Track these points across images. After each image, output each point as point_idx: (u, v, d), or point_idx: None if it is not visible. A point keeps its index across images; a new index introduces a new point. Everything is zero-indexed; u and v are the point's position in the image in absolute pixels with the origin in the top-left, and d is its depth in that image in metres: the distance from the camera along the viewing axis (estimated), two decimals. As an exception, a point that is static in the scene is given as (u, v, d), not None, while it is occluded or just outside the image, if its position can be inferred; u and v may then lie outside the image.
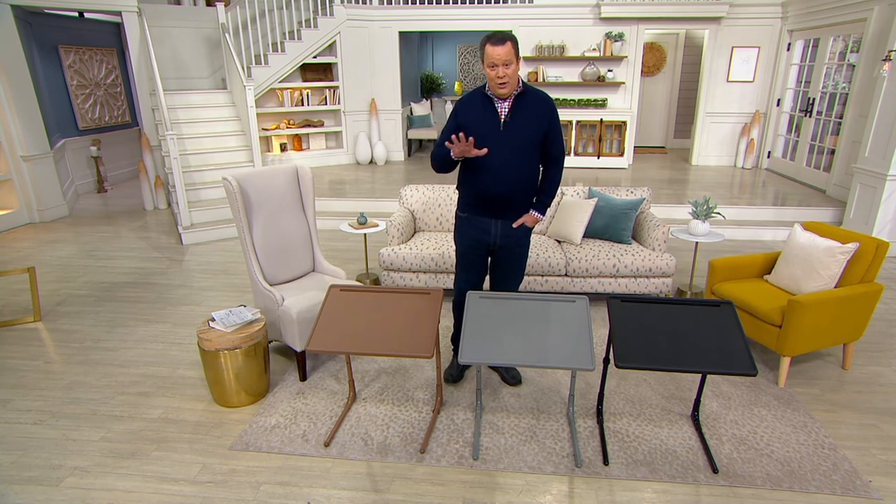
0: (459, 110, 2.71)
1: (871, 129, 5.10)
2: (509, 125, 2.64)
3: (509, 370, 3.09)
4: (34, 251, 5.42)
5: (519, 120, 2.65)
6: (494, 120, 2.64)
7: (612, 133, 8.27)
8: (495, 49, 2.49)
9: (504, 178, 2.68)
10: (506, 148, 2.64)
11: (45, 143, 6.45)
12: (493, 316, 2.55)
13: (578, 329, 2.47)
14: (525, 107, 2.65)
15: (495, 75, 2.53)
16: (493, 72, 2.53)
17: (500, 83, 2.55)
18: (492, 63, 2.51)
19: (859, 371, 3.23)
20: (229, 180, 3.10)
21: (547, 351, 2.38)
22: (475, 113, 2.67)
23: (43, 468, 2.46)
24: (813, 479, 2.37)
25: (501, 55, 2.48)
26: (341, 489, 2.33)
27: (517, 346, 2.42)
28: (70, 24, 7.73)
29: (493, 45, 2.50)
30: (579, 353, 2.36)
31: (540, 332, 2.47)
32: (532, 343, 2.42)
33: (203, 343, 2.78)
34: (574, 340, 2.42)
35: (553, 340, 2.43)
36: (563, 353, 2.37)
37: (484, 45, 2.52)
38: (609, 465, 2.46)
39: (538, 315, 2.55)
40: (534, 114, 2.66)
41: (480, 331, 2.49)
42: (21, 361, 3.38)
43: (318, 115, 8.69)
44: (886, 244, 3.00)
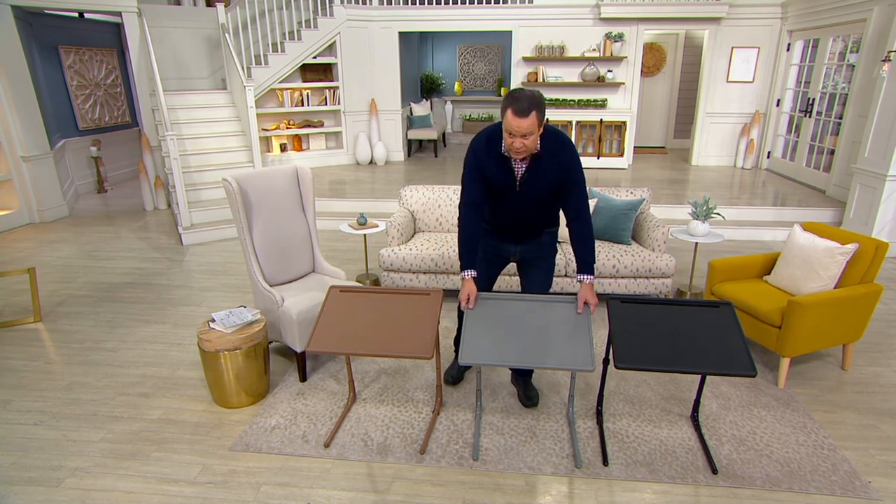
0: (476, 163, 2.48)
1: (870, 129, 5.10)
2: (525, 184, 2.49)
3: (528, 391, 2.93)
4: (34, 251, 5.42)
5: (535, 178, 2.47)
6: (511, 178, 2.48)
7: (611, 133, 8.27)
8: (517, 121, 2.23)
9: (523, 221, 2.64)
10: (523, 201, 2.53)
11: (45, 144, 6.45)
12: (493, 317, 2.55)
13: (578, 329, 2.46)
14: (542, 165, 2.44)
15: (511, 144, 2.32)
16: (510, 140, 2.31)
17: (516, 152, 2.35)
18: (510, 132, 2.29)
19: (859, 372, 3.23)
20: (229, 181, 3.10)
21: (547, 352, 2.38)
22: (493, 166, 2.47)
23: (43, 469, 2.46)
24: (812, 479, 2.37)
25: (522, 128, 2.24)
26: (341, 490, 2.33)
27: (517, 346, 2.41)
28: (70, 24, 7.73)
29: (516, 115, 2.22)
30: (579, 354, 2.36)
31: (540, 332, 2.47)
32: (532, 344, 2.42)
33: (203, 344, 2.79)
34: (574, 341, 2.41)
35: (553, 341, 2.42)
36: (563, 354, 2.36)
37: (505, 110, 2.25)
38: (609, 465, 2.46)
39: (538, 316, 2.54)
40: (550, 168, 2.45)
41: (480, 332, 2.48)
42: (21, 362, 3.38)
43: (318, 115, 8.69)
44: (886, 245, 3.00)
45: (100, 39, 8.23)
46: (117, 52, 8.53)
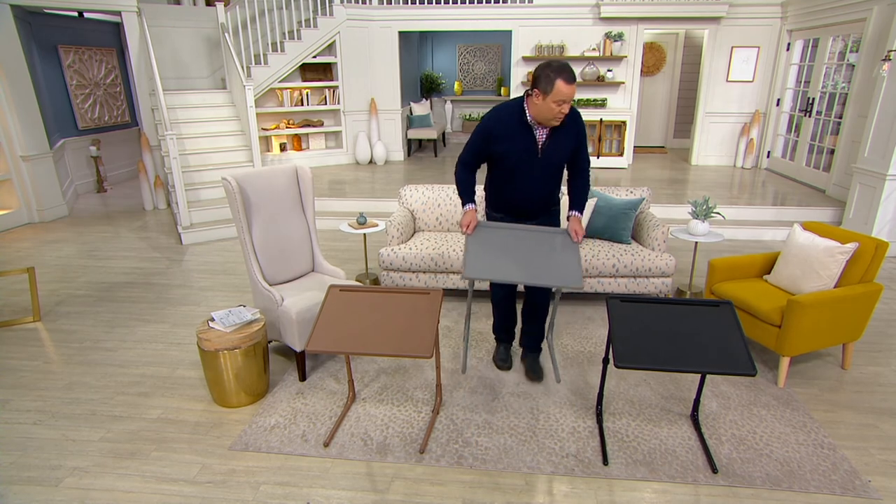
0: (496, 135, 2.66)
1: (870, 128, 5.10)
2: (546, 151, 2.70)
3: (535, 366, 3.14)
4: (33, 251, 5.42)
5: (554, 144, 2.69)
6: (532, 147, 2.67)
7: (611, 133, 8.27)
8: (569, 87, 2.45)
9: (536, 195, 2.83)
10: (539, 170, 2.73)
11: (45, 143, 6.45)
12: (492, 242, 2.76)
13: (568, 254, 2.73)
14: (562, 132, 2.68)
15: (559, 111, 2.51)
16: (557, 108, 2.50)
17: (558, 119, 2.56)
18: (560, 100, 2.47)
19: (858, 371, 3.23)
20: (228, 180, 3.10)
21: (540, 271, 2.64)
22: (513, 139, 2.66)
23: (42, 468, 2.46)
24: (812, 479, 2.37)
25: (572, 94, 2.47)
26: (340, 489, 2.33)
27: (514, 266, 2.66)
28: (69, 23, 7.72)
29: (567, 82, 2.44)
30: (569, 273, 2.64)
31: (534, 255, 2.71)
32: (527, 264, 2.67)
33: (202, 343, 2.78)
34: (565, 263, 2.68)
35: (546, 263, 2.68)
36: (555, 273, 2.64)
37: (555, 80, 2.43)
38: (609, 465, 2.46)
39: (533, 242, 2.78)
40: (567, 135, 2.70)
41: (481, 253, 2.71)
42: (20, 362, 3.38)
43: (318, 114, 8.69)
44: (886, 244, 3.00)
45: (99, 39, 8.22)
46: (117, 51, 8.53)
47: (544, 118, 2.57)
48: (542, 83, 2.48)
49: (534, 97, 2.55)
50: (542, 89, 2.48)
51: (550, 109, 2.51)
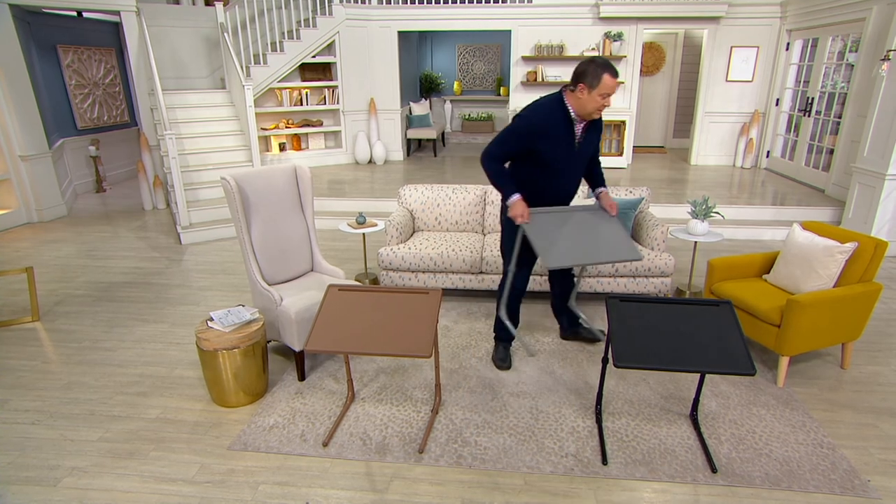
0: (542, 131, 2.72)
1: (869, 128, 5.10)
2: (582, 145, 2.85)
3: (591, 330, 3.41)
4: (32, 251, 5.41)
5: (588, 138, 2.86)
6: (572, 141, 2.80)
7: (611, 133, 8.26)
8: (614, 81, 2.60)
9: (571, 189, 2.98)
10: (575, 164, 2.88)
11: (44, 143, 6.44)
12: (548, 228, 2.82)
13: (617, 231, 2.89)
14: (593, 126, 2.86)
15: (603, 104, 2.65)
16: (603, 101, 2.64)
17: (600, 112, 2.70)
18: (606, 93, 2.61)
19: (858, 370, 3.23)
20: (227, 180, 3.09)
21: (601, 249, 2.77)
22: (558, 135, 2.75)
23: (40, 468, 2.46)
24: (811, 478, 2.37)
25: (616, 87, 2.62)
26: (340, 489, 2.33)
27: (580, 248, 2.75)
28: (68, 23, 7.71)
29: (613, 76, 2.60)
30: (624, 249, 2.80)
31: (589, 235, 2.83)
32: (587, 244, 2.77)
33: (201, 343, 2.78)
34: (617, 240, 2.84)
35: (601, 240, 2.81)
36: (614, 250, 2.78)
37: (602, 74, 2.58)
38: (608, 464, 2.46)
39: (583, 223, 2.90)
40: (594, 128, 2.88)
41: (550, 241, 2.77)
42: (19, 361, 3.37)
43: (317, 114, 8.68)
44: (885, 243, 3.00)
45: (98, 39, 8.21)
46: (116, 51, 8.52)
47: (587, 112, 2.69)
48: (587, 77, 2.61)
49: (577, 92, 2.67)
50: (587, 83, 2.61)
51: (595, 102, 2.64)
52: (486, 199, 4.43)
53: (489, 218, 4.41)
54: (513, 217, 2.77)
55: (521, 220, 2.76)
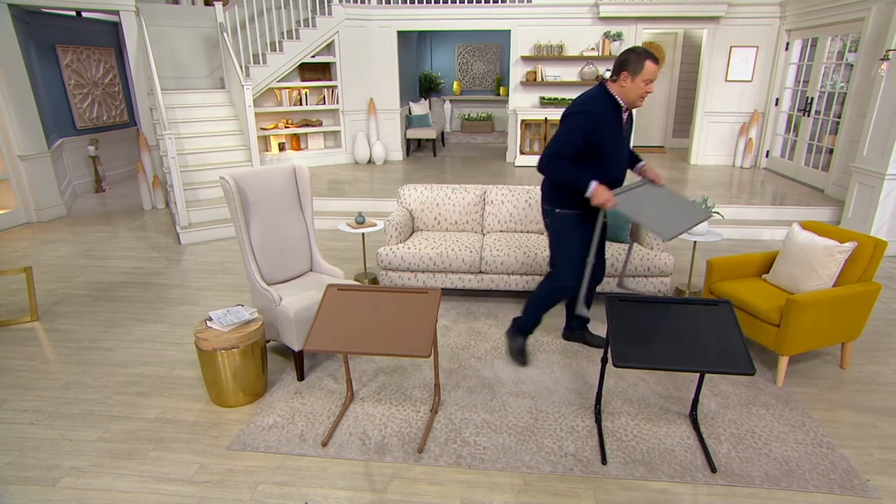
0: (599, 124, 2.74)
1: (869, 128, 5.10)
2: (626, 133, 2.92)
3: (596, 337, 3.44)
4: (31, 251, 5.41)
5: (629, 125, 2.94)
6: (621, 130, 2.85)
7: (610, 132, 8.25)
8: (656, 66, 2.67)
9: (623, 177, 2.97)
10: (623, 153, 2.93)
11: (43, 143, 6.43)
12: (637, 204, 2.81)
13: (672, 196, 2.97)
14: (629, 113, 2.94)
15: (646, 90, 2.71)
16: (647, 87, 2.70)
17: (644, 98, 2.75)
18: (649, 79, 2.68)
19: (857, 370, 3.23)
20: (227, 179, 3.09)
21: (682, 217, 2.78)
22: (614, 119, 2.79)
23: (39, 468, 2.45)
24: (811, 478, 2.37)
25: (658, 73, 2.69)
26: (339, 489, 2.33)
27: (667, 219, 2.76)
28: (68, 23, 7.71)
29: (655, 62, 2.67)
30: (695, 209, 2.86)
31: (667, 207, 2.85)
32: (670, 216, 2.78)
33: (200, 343, 2.78)
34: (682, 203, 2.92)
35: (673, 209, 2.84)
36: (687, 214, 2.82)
37: (644, 60, 2.66)
38: (607, 464, 2.45)
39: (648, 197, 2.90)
40: (629, 118, 2.94)
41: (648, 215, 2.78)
42: (18, 361, 3.37)
43: (317, 114, 8.68)
44: (885, 243, 3.00)
45: (97, 38, 8.21)
46: (115, 51, 8.51)
47: (632, 99, 2.76)
48: (630, 65, 2.68)
49: (620, 81, 2.73)
50: (630, 71, 2.68)
51: (639, 89, 2.71)
52: (486, 199, 4.43)
53: (488, 218, 4.41)
54: (601, 203, 2.71)
55: (610, 204, 2.71)
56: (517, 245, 4.00)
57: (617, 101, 2.79)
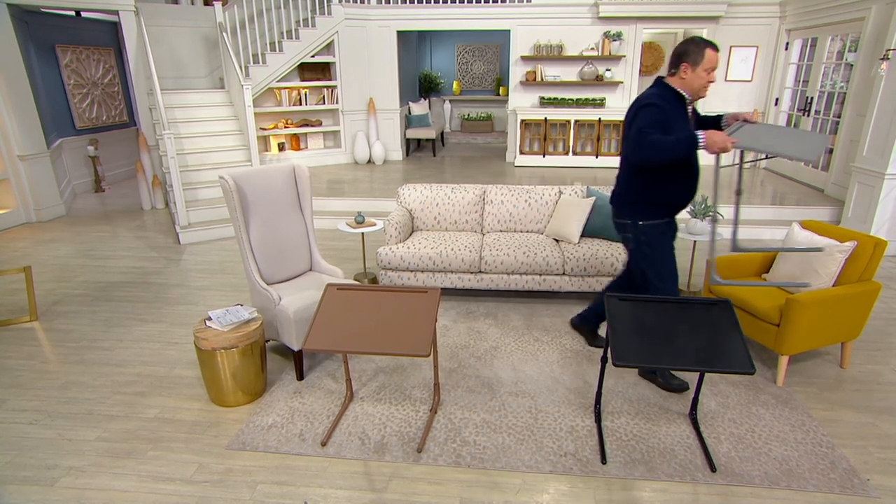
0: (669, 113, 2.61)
1: (868, 128, 5.10)
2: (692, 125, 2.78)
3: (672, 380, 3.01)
4: (31, 251, 5.40)
5: (694, 120, 2.80)
6: (688, 123, 2.71)
7: (610, 132, 8.26)
8: (717, 55, 2.58)
9: (698, 173, 2.82)
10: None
11: (42, 143, 6.43)
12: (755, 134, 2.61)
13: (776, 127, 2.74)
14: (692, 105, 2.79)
15: (708, 80, 2.61)
16: (707, 76, 2.60)
17: (706, 88, 2.64)
18: (710, 67, 2.58)
19: (857, 370, 3.22)
20: (226, 179, 3.09)
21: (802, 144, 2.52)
22: (680, 113, 2.67)
23: (38, 468, 2.45)
24: (811, 477, 2.37)
25: (718, 62, 2.59)
26: (338, 488, 2.32)
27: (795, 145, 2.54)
28: (67, 23, 7.70)
29: (715, 50, 2.57)
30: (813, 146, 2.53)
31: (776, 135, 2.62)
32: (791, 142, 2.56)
33: (199, 342, 2.77)
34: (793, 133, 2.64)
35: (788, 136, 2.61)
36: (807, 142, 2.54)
37: (704, 49, 2.56)
38: (607, 464, 2.45)
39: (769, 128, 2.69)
40: (694, 111, 2.82)
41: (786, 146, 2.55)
42: (17, 361, 3.36)
43: (316, 114, 8.68)
44: (884, 243, 3.00)
45: (97, 38, 8.20)
46: (115, 50, 8.51)
47: (695, 90, 2.65)
48: (690, 56, 2.58)
49: (681, 73, 2.63)
50: (691, 61, 2.59)
51: (701, 79, 2.61)
52: (485, 199, 4.42)
53: (488, 217, 4.40)
54: (721, 148, 2.46)
55: (730, 144, 2.48)
56: (517, 245, 4.00)
57: (680, 93, 2.68)
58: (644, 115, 2.61)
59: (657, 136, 2.53)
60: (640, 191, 2.79)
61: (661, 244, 2.85)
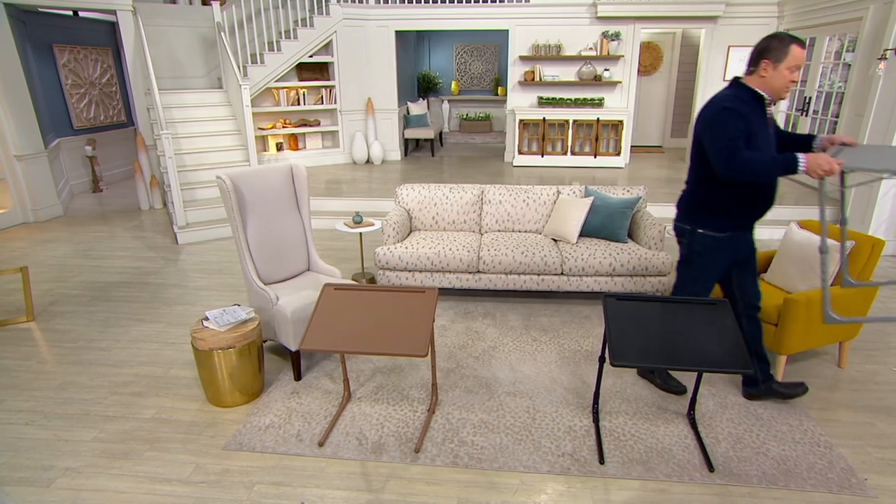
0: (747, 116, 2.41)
1: (866, 127, 5.11)
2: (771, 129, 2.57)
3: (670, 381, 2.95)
4: (28, 251, 5.39)
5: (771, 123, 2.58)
6: (766, 126, 2.51)
7: (608, 132, 8.26)
8: (803, 52, 2.37)
9: (776, 181, 2.59)
10: (771, 150, 2.54)
11: (40, 143, 6.41)
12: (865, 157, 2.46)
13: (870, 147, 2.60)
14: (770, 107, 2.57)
15: (791, 79, 2.41)
16: (790, 74, 2.39)
17: (789, 88, 2.44)
18: (795, 65, 2.37)
19: (855, 369, 3.22)
20: (223, 179, 3.08)
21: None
22: (758, 117, 2.45)
23: (34, 469, 2.44)
24: (809, 477, 2.36)
25: (804, 59, 2.39)
26: (335, 489, 2.32)
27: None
28: (64, 22, 7.69)
29: (801, 47, 2.36)
30: None
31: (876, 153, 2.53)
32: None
33: (197, 342, 2.76)
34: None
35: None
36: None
37: (789, 45, 2.35)
38: (605, 463, 2.45)
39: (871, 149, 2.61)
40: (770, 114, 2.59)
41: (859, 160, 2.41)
42: (13, 362, 3.35)
43: (315, 114, 8.66)
44: (882, 242, 3.00)
45: (94, 38, 8.18)
46: (112, 50, 8.49)
47: (775, 90, 2.44)
48: (772, 52, 2.38)
49: (760, 71, 2.43)
50: (773, 58, 2.38)
51: (783, 78, 2.40)
52: (484, 199, 4.42)
53: (486, 217, 4.40)
54: (827, 171, 2.26)
55: (837, 166, 2.28)
56: (515, 244, 4.00)
57: (759, 93, 2.46)
58: (726, 123, 2.40)
59: (751, 153, 2.36)
60: (706, 197, 2.61)
61: (711, 261, 2.66)
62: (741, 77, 2.52)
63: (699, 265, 2.71)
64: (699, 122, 2.54)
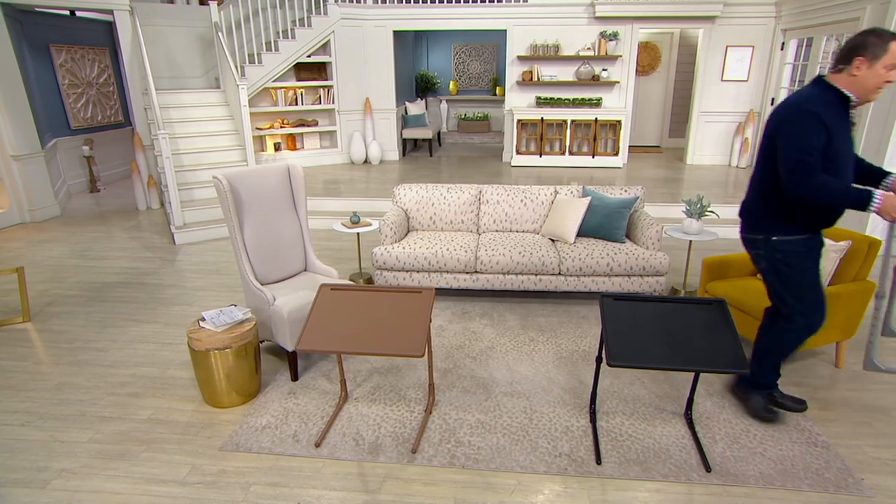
0: (827, 120, 2.24)
1: (864, 128, 5.11)
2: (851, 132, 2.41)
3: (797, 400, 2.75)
4: (25, 251, 5.37)
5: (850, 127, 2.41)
6: (847, 131, 2.32)
7: (606, 132, 8.26)
8: None
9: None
10: (850, 161, 2.39)
11: (37, 143, 6.40)
12: None
13: None
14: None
15: (886, 79, 2.21)
16: (887, 74, 2.20)
17: (881, 90, 2.26)
18: (893, 63, 2.18)
19: (852, 369, 3.22)
20: (220, 179, 3.07)
21: None
22: (840, 119, 2.29)
23: (29, 470, 2.43)
24: (805, 477, 2.36)
25: None
26: (332, 489, 2.31)
27: None
28: (61, 22, 7.67)
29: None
30: None
31: None
32: None
33: (193, 343, 2.76)
34: None
35: None
36: None
37: (889, 43, 2.16)
38: (602, 464, 2.45)
39: None
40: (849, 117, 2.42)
41: None
42: (9, 362, 3.34)
43: (313, 114, 8.66)
44: (879, 242, 3.00)
45: (92, 38, 8.17)
46: (109, 50, 8.47)
47: (866, 90, 2.25)
48: (868, 49, 2.18)
49: (852, 69, 2.23)
50: (870, 55, 2.18)
51: (878, 77, 2.21)
52: (481, 199, 4.42)
53: (484, 217, 4.40)
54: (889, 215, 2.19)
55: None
56: (512, 245, 3.99)
57: (845, 94, 2.27)
58: (805, 130, 2.23)
59: (825, 177, 2.20)
60: (776, 203, 2.43)
61: (802, 262, 2.46)
62: (825, 75, 2.32)
63: (790, 274, 2.49)
64: (773, 119, 2.37)
